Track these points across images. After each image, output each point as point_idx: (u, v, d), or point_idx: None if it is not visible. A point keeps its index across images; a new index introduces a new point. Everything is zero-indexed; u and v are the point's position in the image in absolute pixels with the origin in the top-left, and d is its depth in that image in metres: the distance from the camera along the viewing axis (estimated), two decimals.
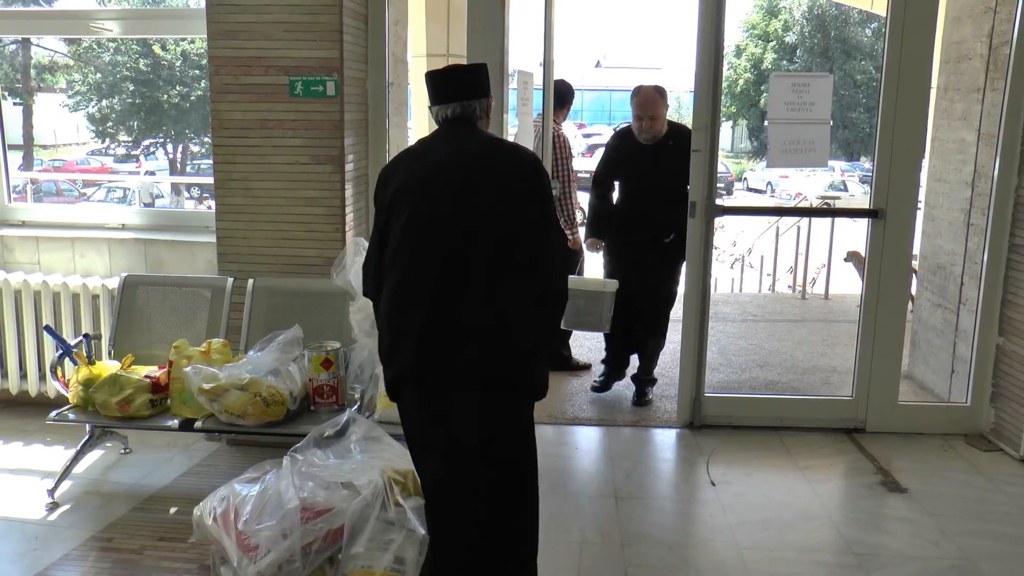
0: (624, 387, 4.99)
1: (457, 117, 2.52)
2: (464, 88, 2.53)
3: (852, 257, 7.31)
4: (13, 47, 17.57)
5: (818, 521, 3.50)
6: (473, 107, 2.53)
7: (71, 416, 3.61)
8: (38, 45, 18.35)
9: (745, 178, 26.83)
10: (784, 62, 27.33)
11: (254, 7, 3.89)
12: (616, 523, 3.45)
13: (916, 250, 4.91)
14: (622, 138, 4.92)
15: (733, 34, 28.98)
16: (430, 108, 2.57)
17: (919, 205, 4.38)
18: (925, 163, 4.67)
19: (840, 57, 26.25)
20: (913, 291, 5.14)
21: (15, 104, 18.60)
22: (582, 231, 5.20)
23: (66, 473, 3.68)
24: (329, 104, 3.94)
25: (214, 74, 3.98)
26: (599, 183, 4.95)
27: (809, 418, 4.42)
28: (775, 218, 10.06)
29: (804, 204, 12.17)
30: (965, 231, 4.60)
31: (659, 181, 4.62)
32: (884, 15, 4.17)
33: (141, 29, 5.07)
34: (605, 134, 30.93)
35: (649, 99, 4.64)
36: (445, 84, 2.53)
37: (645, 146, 4.69)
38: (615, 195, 4.92)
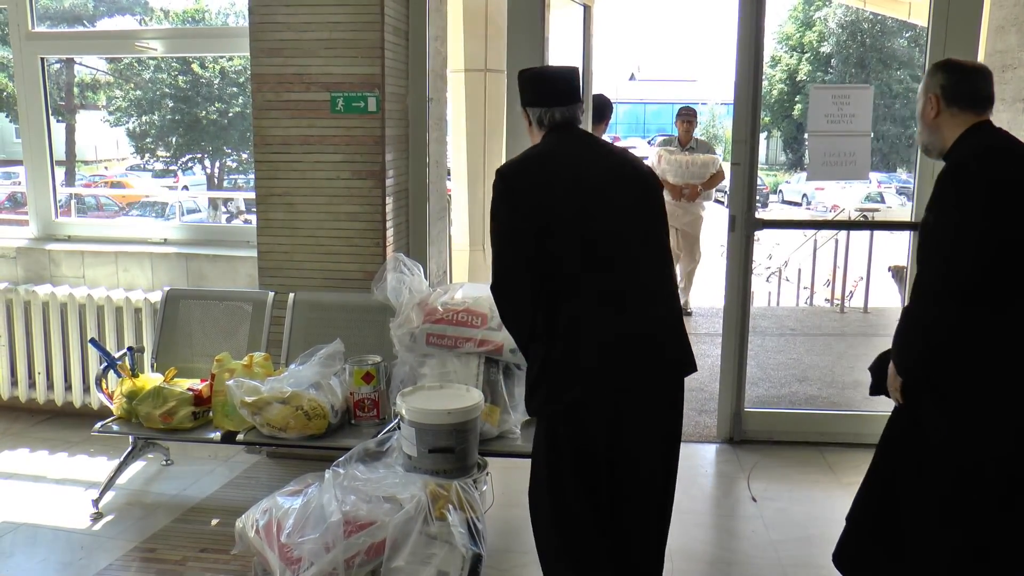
0: None
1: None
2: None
3: (897, 271, 7.22)
4: (57, 66, 17.95)
5: None
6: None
7: (115, 428, 3.67)
8: (80, 64, 18.72)
9: (780, 190, 26.63)
10: (819, 73, 27.12)
11: (296, 25, 3.95)
12: None
13: None
14: None
15: (768, 45, 28.80)
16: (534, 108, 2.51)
17: None
18: None
19: (877, 67, 25.99)
20: None
21: (58, 122, 18.99)
22: None
23: (110, 484, 3.74)
24: (370, 120, 3.97)
25: (256, 91, 4.03)
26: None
27: (851, 433, 4.35)
28: (812, 231, 9.96)
29: (843, 216, 12.00)
30: None
31: None
32: (922, 24, 4.12)
33: (185, 48, 5.16)
34: (640, 147, 30.89)
35: None
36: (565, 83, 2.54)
37: None
38: None
